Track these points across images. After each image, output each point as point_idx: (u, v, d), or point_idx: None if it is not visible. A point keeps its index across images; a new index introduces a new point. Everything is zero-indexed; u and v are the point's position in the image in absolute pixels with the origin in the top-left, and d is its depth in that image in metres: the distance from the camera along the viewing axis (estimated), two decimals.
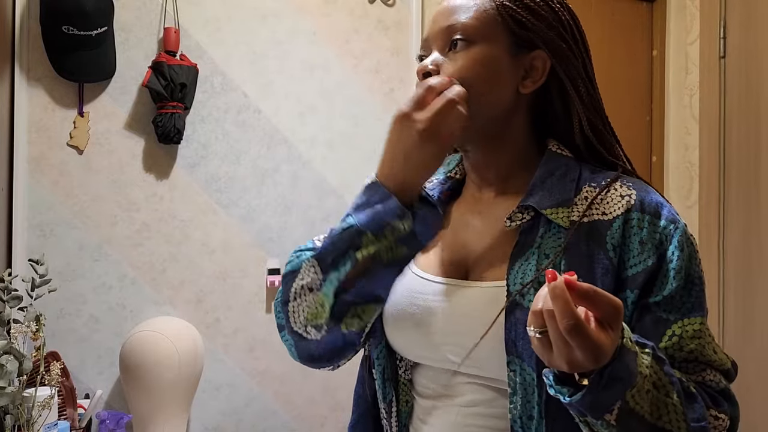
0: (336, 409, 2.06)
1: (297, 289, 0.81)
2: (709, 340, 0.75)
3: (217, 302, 1.94)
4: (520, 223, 0.79)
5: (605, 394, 0.62)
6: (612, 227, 0.76)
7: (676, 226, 0.75)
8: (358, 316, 0.79)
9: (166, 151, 1.89)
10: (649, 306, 0.74)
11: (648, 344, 0.67)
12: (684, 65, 2.40)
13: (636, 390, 0.64)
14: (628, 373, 0.62)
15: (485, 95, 0.79)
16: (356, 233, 0.75)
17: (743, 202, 2.17)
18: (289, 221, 2.01)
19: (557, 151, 0.84)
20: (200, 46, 1.92)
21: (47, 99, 1.78)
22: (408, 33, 2.13)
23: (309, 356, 0.85)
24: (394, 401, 0.86)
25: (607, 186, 0.79)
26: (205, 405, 1.93)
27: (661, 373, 0.67)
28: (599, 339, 0.59)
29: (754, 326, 2.10)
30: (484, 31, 0.79)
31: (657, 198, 0.78)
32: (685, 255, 0.74)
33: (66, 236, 1.80)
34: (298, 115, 2.03)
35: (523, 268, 0.76)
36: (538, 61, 0.81)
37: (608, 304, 0.59)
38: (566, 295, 0.58)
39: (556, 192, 0.79)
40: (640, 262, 0.74)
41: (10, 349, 1.32)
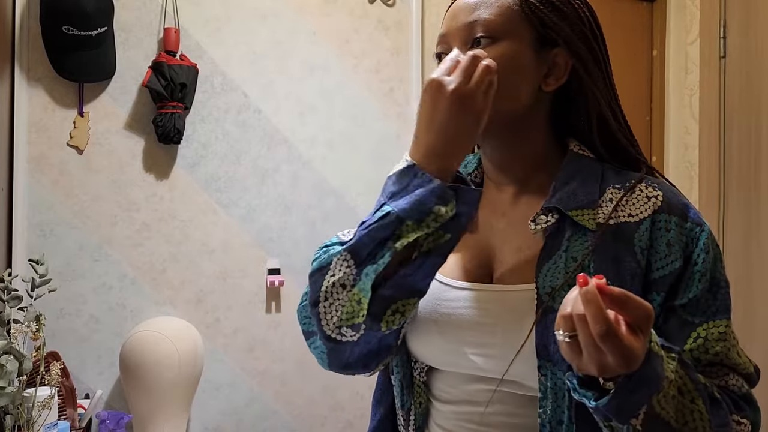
0: (336, 409, 2.06)
1: (328, 287, 0.74)
2: (734, 343, 0.74)
3: (217, 302, 1.94)
4: (545, 226, 0.77)
5: (632, 399, 0.61)
6: (639, 229, 0.75)
7: (702, 228, 0.75)
8: (399, 312, 0.73)
9: (166, 151, 1.89)
10: (675, 309, 0.74)
11: (674, 349, 0.67)
12: (684, 65, 2.40)
13: (662, 395, 0.63)
14: (655, 377, 0.62)
15: (509, 92, 0.77)
16: (396, 221, 0.70)
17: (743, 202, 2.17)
18: (289, 221, 2.01)
19: (579, 152, 0.82)
20: (200, 46, 1.92)
21: (47, 99, 1.78)
22: (408, 33, 2.13)
23: (343, 363, 0.78)
24: (412, 409, 0.85)
25: (632, 187, 0.78)
26: (205, 405, 1.93)
27: (686, 379, 0.66)
28: (631, 344, 0.58)
29: (754, 326, 2.10)
30: (507, 27, 0.78)
31: (683, 199, 0.78)
32: (711, 257, 0.74)
33: (66, 236, 1.80)
34: (298, 115, 2.03)
35: (551, 272, 0.74)
36: (560, 59, 0.80)
37: (639, 309, 0.59)
38: (599, 300, 0.57)
39: (581, 193, 0.78)
40: (667, 264, 0.74)
41: (10, 349, 1.32)
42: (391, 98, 2.10)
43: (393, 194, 0.72)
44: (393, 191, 0.72)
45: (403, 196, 0.71)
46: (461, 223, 0.72)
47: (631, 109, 2.43)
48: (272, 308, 2.00)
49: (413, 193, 0.70)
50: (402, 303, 0.73)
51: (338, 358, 0.78)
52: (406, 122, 2.12)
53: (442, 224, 0.70)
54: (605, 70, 0.82)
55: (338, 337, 0.75)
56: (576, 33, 0.79)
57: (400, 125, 2.11)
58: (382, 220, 0.71)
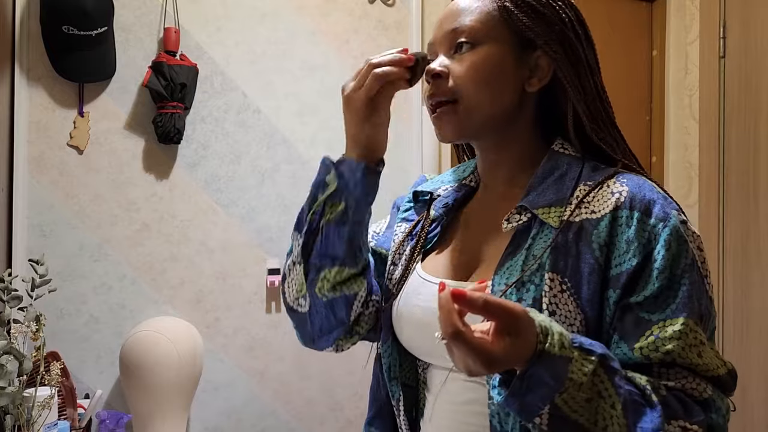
0: (335, 408, 2.06)
1: (289, 264, 0.89)
2: (693, 343, 0.71)
3: (216, 302, 1.94)
4: (516, 224, 0.79)
5: (530, 398, 0.64)
6: (599, 225, 0.75)
7: (666, 223, 0.73)
8: (326, 279, 0.85)
9: (166, 151, 1.89)
10: (631, 306, 0.73)
11: (595, 352, 0.66)
12: (684, 65, 2.40)
13: (568, 396, 0.64)
14: (553, 378, 0.63)
15: (491, 93, 0.81)
16: (310, 196, 0.86)
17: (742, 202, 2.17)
18: (289, 221, 2.01)
19: (560, 150, 0.84)
20: (200, 46, 1.92)
21: (47, 99, 1.78)
22: (408, 33, 2.12)
23: (309, 336, 0.91)
24: (401, 399, 0.88)
25: (599, 183, 0.78)
26: (204, 405, 1.93)
27: (607, 383, 0.66)
28: (483, 347, 0.60)
29: (752, 325, 2.10)
30: (488, 32, 0.81)
31: (651, 195, 0.76)
32: (671, 254, 0.72)
33: (66, 236, 1.80)
34: (298, 115, 2.03)
35: (510, 269, 0.77)
36: (542, 60, 0.82)
37: (503, 313, 0.61)
38: (450, 306, 0.61)
39: (553, 191, 0.79)
40: (624, 261, 0.73)
41: (10, 349, 1.32)
42: None
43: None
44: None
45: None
46: (351, 192, 0.83)
47: (631, 109, 2.44)
48: (272, 308, 2.00)
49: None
50: (327, 270, 0.85)
51: (304, 331, 0.91)
52: (405, 122, 2.12)
53: (333, 193, 0.83)
54: (586, 71, 0.83)
55: (297, 308, 0.89)
56: (554, 34, 0.81)
57: (400, 125, 2.11)
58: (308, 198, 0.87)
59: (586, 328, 0.73)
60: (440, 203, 0.92)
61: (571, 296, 0.73)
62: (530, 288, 0.75)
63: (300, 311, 0.89)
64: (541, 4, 0.82)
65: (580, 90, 0.83)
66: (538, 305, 0.74)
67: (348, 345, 0.92)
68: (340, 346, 0.92)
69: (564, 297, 0.73)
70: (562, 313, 0.73)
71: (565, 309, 0.73)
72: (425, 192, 0.95)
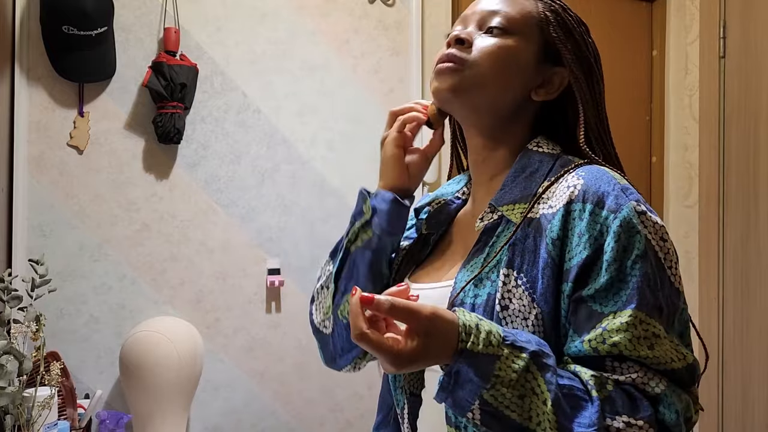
0: (335, 409, 2.06)
1: (318, 288, 0.96)
2: (644, 335, 0.68)
3: (216, 302, 1.94)
4: (488, 223, 0.82)
5: (459, 393, 0.66)
6: (553, 220, 0.75)
7: (616, 215, 0.72)
8: (348, 302, 0.89)
9: (166, 151, 1.89)
10: (583, 298, 0.72)
11: (527, 349, 0.67)
12: (684, 65, 2.40)
13: (496, 392, 0.65)
14: (478, 375, 0.65)
15: (501, 83, 0.82)
16: (349, 224, 0.92)
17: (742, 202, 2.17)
18: (289, 221, 2.01)
19: (534, 149, 0.85)
20: (200, 46, 1.92)
21: (47, 99, 1.78)
22: (408, 33, 2.12)
23: (330, 356, 0.95)
24: (406, 407, 0.88)
25: (559, 177, 0.79)
26: (204, 405, 1.93)
27: (540, 380, 0.66)
28: (386, 346, 0.65)
29: (752, 325, 2.10)
30: (523, 28, 0.83)
31: (606, 187, 0.74)
32: (621, 245, 0.71)
33: (66, 236, 1.80)
34: (298, 115, 2.03)
35: (473, 266, 0.79)
36: (557, 77, 0.85)
37: (407, 315, 0.65)
38: (357, 309, 0.66)
39: (519, 188, 0.81)
40: (576, 254, 0.72)
41: (10, 349, 1.32)
42: (391, 98, 2.10)
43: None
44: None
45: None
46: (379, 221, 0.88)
47: (630, 109, 2.44)
48: (272, 308, 2.00)
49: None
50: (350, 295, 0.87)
51: (326, 351, 0.95)
52: None
53: (368, 220, 0.89)
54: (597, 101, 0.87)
55: (323, 330, 0.94)
56: (582, 61, 0.85)
57: None
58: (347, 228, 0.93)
59: (542, 322, 0.74)
60: (432, 219, 0.94)
61: (526, 291, 0.74)
62: (486, 284, 0.77)
63: (325, 333, 0.94)
64: (577, 32, 0.85)
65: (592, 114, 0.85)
66: (492, 300, 0.76)
67: (364, 363, 0.96)
68: (358, 364, 0.96)
69: (518, 292, 0.75)
70: (516, 307, 0.74)
71: (519, 304, 0.74)
72: (423, 208, 0.97)
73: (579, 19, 0.87)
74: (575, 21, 0.86)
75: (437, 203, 0.95)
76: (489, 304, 0.76)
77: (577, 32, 0.85)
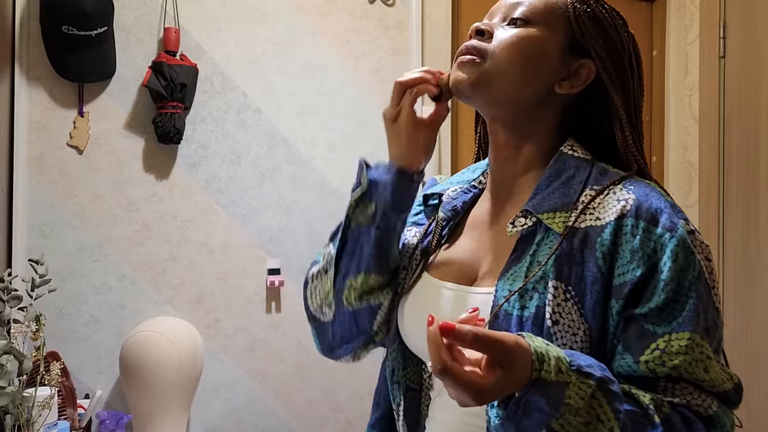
0: (336, 409, 2.06)
1: (314, 272, 0.89)
2: (700, 358, 0.69)
3: (217, 302, 1.94)
4: (521, 229, 0.78)
5: (526, 422, 0.63)
6: (603, 234, 0.73)
7: (673, 234, 0.71)
8: (353, 287, 0.84)
9: (166, 151, 1.89)
10: (635, 317, 0.71)
11: (594, 375, 0.65)
12: (684, 65, 2.40)
13: (564, 420, 0.63)
14: (549, 404, 0.62)
15: (521, 74, 0.79)
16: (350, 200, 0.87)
17: (742, 202, 2.17)
18: (289, 221, 2.01)
19: (568, 152, 0.82)
20: (200, 46, 1.92)
21: (47, 99, 1.78)
22: (408, 33, 2.12)
23: (328, 345, 0.90)
24: (402, 403, 0.87)
25: (604, 189, 0.77)
26: (205, 405, 1.93)
27: (606, 407, 0.65)
28: (472, 381, 0.60)
29: (753, 325, 2.10)
30: (548, 19, 0.80)
31: (658, 203, 0.74)
32: (678, 266, 0.70)
33: (66, 236, 1.80)
34: (298, 115, 2.03)
35: (514, 275, 0.76)
36: (584, 70, 0.82)
37: (492, 346, 0.60)
38: (438, 340, 0.60)
39: (558, 195, 0.78)
40: (628, 271, 0.71)
41: (10, 349, 1.32)
42: None
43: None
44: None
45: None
46: (381, 193, 0.84)
47: None
48: (272, 308, 2.00)
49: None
50: (354, 279, 0.85)
51: (324, 339, 0.90)
52: None
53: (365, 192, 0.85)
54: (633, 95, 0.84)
55: (320, 317, 0.89)
56: (612, 53, 0.81)
57: None
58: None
59: (590, 338, 0.72)
60: (449, 205, 0.91)
61: (575, 305, 0.72)
62: (534, 296, 0.73)
63: (322, 320, 0.88)
64: (609, 24, 0.82)
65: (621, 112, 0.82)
66: (542, 314, 0.73)
67: (365, 354, 0.92)
68: (358, 354, 0.92)
69: (568, 306, 0.72)
70: (566, 322, 0.72)
71: (569, 318, 0.72)
72: (435, 194, 0.94)
73: (614, 11, 0.84)
74: (608, 12, 0.83)
75: (453, 190, 0.92)
76: (538, 317, 0.73)
77: (609, 24, 0.82)
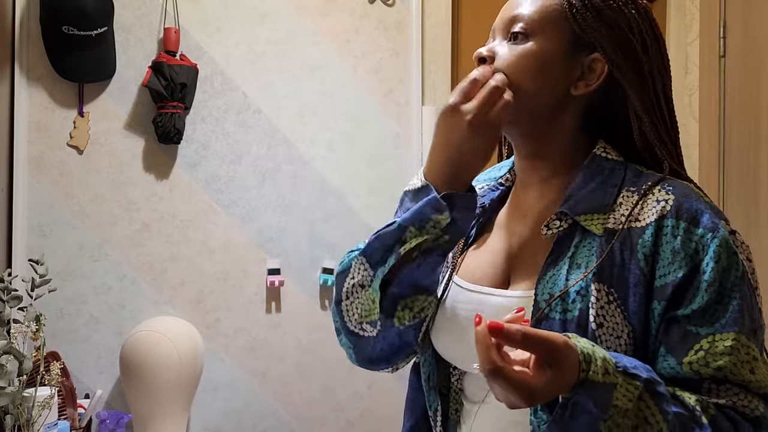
0: (336, 409, 2.06)
1: (348, 287, 0.83)
2: (745, 359, 0.68)
3: (217, 302, 1.94)
4: (556, 231, 0.77)
5: (573, 425, 0.63)
6: (644, 235, 0.72)
7: (715, 234, 0.70)
8: (408, 308, 0.80)
9: (166, 151, 1.89)
10: (678, 319, 0.70)
11: (640, 377, 0.64)
12: (684, 65, 2.40)
13: (612, 423, 0.62)
14: (597, 406, 0.62)
15: (532, 90, 0.78)
16: (398, 229, 0.77)
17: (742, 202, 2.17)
18: (289, 221, 2.01)
19: (602, 155, 0.81)
20: (200, 46, 1.92)
21: (47, 99, 1.78)
22: (408, 33, 2.12)
23: (367, 358, 0.86)
24: (439, 409, 0.86)
25: (646, 191, 0.76)
26: (205, 405, 1.93)
27: (654, 409, 0.64)
28: (524, 381, 0.59)
29: None
30: (545, 26, 0.79)
31: (698, 204, 0.73)
32: (721, 266, 0.70)
33: (66, 236, 1.80)
34: (298, 115, 2.03)
35: (553, 278, 0.75)
36: (597, 64, 0.79)
37: (543, 346, 0.60)
38: (487, 341, 0.59)
39: (594, 197, 0.77)
40: (669, 272, 0.71)
41: (10, 349, 1.32)
42: (391, 98, 2.10)
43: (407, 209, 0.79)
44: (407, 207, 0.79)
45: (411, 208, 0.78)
46: (458, 227, 0.77)
47: None
48: (272, 308, 2.00)
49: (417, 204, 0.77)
50: (410, 300, 0.80)
51: (362, 353, 0.85)
52: (406, 123, 2.12)
53: (441, 229, 0.76)
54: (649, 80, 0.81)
55: (360, 332, 0.83)
56: (617, 41, 0.79)
57: (400, 126, 2.11)
58: (389, 228, 0.78)
59: (634, 341, 0.72)
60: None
61: (618, 307, 0.72)
62: (576, 299, 0.73)
63: (364, 335, 0.84)
64: (610, 8, 0.79)
65: (644, 99, 0.80)
66: (585, 317, 0.72)
67: (404, 364, 0.89)
68: (398, 366, 0.89)
69: (611, 308, 0.71)
70: (610, 325, 0.71)
71: (613, 321, 0.71)
72: None
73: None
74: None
75: (480, 188, 0.90)
76: (582, 320, 0.72)
77: (612, 9, 0.79)
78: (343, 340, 0.86)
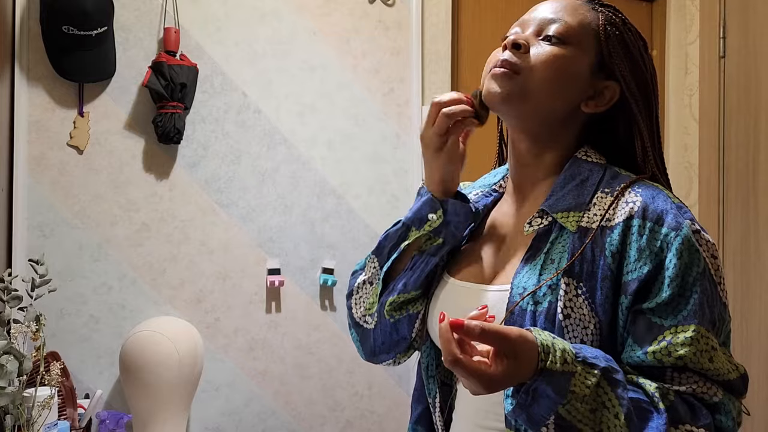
0: (335, 408, 2.06)
1: (359, 283, 0.96)
2: (705, 348, 0.74)
3: (217, 302, 1.94)
4: (537, 228, 0.83)
5: (535, 409, 0.69)
6: (612, 234, 0.78)
7: (678, 233, 0.76)
8: (397, 303, 0.91)
9: (166, 151, 1.89)
10: (644, 311, 0.76)
11: (598, 366, 0.70)
12: (683, 65, 2.40)
13: (571, 407, 0.68)
14: (555, 391, 0.68)
15: (552, 92, 0.83)
16: (403, 227, 0.91)
17: (742, 202, 2.17)
18: (289, 221, 2.01)
19: (582, 157, 0.86)
20: (200, 46, 1.92)
21: (47, 99, 1.78)
22: (408, 33, 2.12)
23: (370, 350, 0.97)
24: (438, 397, 0.92)
25: (619, 194, 0.81)
26: (205, 405, 1.93)
27: (611, 395, 0.69)
28: (480, 370, 0.66)
29: (752, 325, 2.10)
30: (580, 39, 0.84)
31: (664, 205, 0.78)
32: (683, 263, 0.75)
33: (66, 236, 1.80)
34: (298, 115, 2.03)
35: (529, 273, 0.81)
36: (609, 91, 0.85)
37: (497, 339, 0.66)
38: (448, 335, 0.66)
39: (572, 196, 0.82)
40: (636, 269, 0.76)
41: (10, 349, 1.32)
42: (391, 98, 2.10)
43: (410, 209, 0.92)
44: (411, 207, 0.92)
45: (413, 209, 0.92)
46: (451, 230, 0.89)
47: None
48: (272, 308, 2.00)
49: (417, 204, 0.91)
50: (402, 296, 0.90)
51: (366, 345, 0.97)
52: (406, 122, 2.12)
53: (435, 229, 0.88)
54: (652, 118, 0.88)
55: (363, 324, 0.95)
56: (637, 77, 0.86)
57: (400, 125, 2.11)
58: (395, 227, 0.92)
59: (600, 331, 0.77)
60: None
61: (586, 300, 0.77)
62: (547, 293, 0.78)
63: (366, 327, 0.95)
64: (635, 48, 0.86)
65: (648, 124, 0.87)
66: (554, 309, 0.77)
67: (405, 359, 0.98)
68: (398, 359, 0.98)
69: (579, 301, 0.77)
70: (577, 316, 0.77)
71: (580, 313, 0.77)
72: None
73: (638, 33, 0.88)
74: (634, 36, 0.87)
75: (474, 194, 0.98)
76: (551, 312, 0.77)
77: (635, 48, 0.86)
78: (353, 334, 0.98)
